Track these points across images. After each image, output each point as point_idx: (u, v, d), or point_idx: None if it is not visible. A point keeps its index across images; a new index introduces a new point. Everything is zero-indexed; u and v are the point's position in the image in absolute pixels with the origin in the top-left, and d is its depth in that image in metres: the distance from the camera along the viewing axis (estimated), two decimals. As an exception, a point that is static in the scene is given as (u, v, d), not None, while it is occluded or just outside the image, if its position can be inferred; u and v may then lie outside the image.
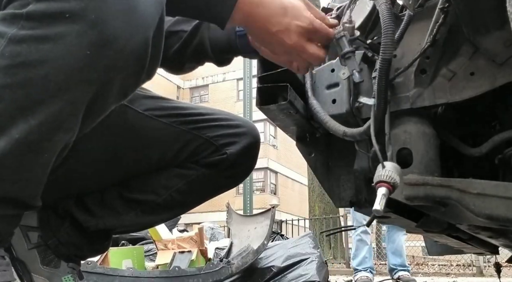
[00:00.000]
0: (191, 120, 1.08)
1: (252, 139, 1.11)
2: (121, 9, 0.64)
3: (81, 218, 1.03)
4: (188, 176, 1.07)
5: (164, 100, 1.11)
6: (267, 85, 0.95)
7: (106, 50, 0.64)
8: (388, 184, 0.74)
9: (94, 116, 0.72)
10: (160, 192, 1.07)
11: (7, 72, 0.63)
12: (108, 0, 0.63)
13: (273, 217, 2.34)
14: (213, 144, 1.07)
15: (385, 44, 0.79)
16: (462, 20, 0.79)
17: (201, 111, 1.11)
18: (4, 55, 0.62)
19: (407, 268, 4.08)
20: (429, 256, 8.26)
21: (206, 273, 1.96)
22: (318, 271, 2.15)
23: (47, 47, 0.62)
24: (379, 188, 0.74)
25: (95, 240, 1.07)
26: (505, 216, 0.74)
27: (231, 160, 1.07)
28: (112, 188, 1.06)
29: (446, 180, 0.80)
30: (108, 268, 1.90)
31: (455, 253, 1.62)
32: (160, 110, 1.06)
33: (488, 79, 0.80)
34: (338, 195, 1.10)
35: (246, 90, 8.99)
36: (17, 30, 0.62)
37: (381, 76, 0.81)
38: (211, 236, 3.51)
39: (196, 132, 1.07)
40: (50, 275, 0.95)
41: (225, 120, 1.11)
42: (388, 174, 0.74)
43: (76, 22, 0.62)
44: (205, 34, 1.02)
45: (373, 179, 0.95)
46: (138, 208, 1.07)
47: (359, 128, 0.89)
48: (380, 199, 0.72)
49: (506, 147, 0.86)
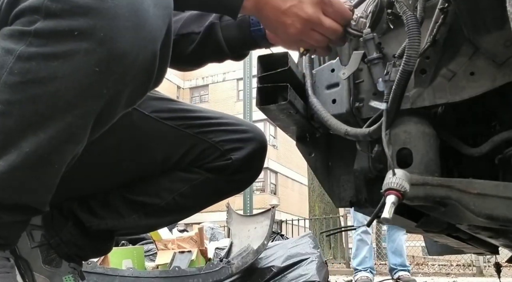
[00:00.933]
0: (197, 124, 1.07)
1: (258, 145, 1.10)
2: (130, 26, 0.64)
3: (84, 217, 1.03)
4: (192, 180, 1.07)
5: (172, 102, 1.10)
6: (267, 85, 0.95)
7: (115, 66, 0.64)
8: (398, 192, 0.73)
9: (102, 125, 0.73)
10: (164, 195, 1.06)
11: (17, 89, 0.63)
12: (117, 18, 0.63)
13: (273, 217, 2.34)
14: (218, 148, 1.06)
15: (409, 56, 0.77)
16: (462, 20, 0.79)
17: (208, 115, 1.11)
18: (13, 72, 0.63)
19: (407, 268, 4.08)
20: (429, 256, 8.26)
21: (206, 273, 1.96)
22: (318, 271, 2.15)
23: (56, 64, 0.62)
24: (388, 196, 0.73)
25: (98, 241, 1.06)
26: (505, 216, 0.74)
27: (236, 165, 1.06)
28: (116, 190, 1.06)
29: (446, 180, 0.80)
30: (108, 268, 1.90)
31: (455, 253, 1.62)
32: (167, 112, 1.06)
33: (488, 79, 0.80)
34: (338, 195, 1.10)
35: (246, 90, 8.98)
36: (25, 47, 0.62)
37: (398, 85, 0.79)
38: (211, 236, 3.51)
39: (202, 136, 1.06)
40: (51, 274, 0.95)
41: (232, 125, 1.10)
42: (398, 182, 0.74)
43: (85, 40, 0.62)
44: (219, 35, 1.02)
45: (372, 178, 0.95)
46: (141, 210, 1.06)
47: (363, 129, 0.88)
48: (389, 207, 0.72)
49: (506, 147, 0.86)
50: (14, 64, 0.62)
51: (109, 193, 1.06)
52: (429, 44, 0.84)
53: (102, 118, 0.70)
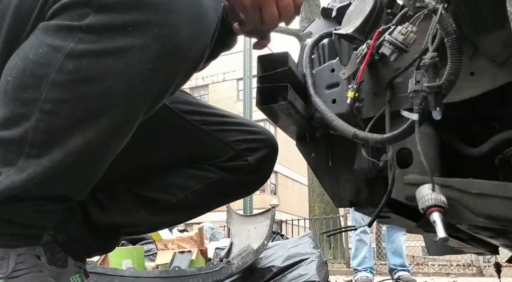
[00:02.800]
0: (214, 121, 1.05)
1: (272, 148, 1.09)
2: (185, 21, 0.61)
3: (92, 212, 1.01)
4: (207, 178, 1.05)
5: (186, 94, 1.08)
6: (267, 85, 0.95)
7: (168, 62, 0.62)
8: (440, 207, 0.73)
9: (147, 115, 0.71)
10: (176, 193, 1.04)
11: (67, 88, 0.61)
12: (172, 12, 0.60)
13: (273, 217, 2.34)
14: (233, 148, 1.05)
15: (450, 81, 0.74)
16: (462, 20, 0.79)
17: (224, 113, 1.09)
18: (63, 70, 0.60)
19: (407, 268, 4.08)
20: (429, 256, 8.26)
21: (206, 273, 1.96)
22: (318, 271, 2.15)
23: (108, 62, 0.60)
24: (433, 213, 0.72)
25: (104, 237, 1.04)
26: (505, 216, 0.74)
27: (251, 166, 1.05)
28: (125, 184, 1.04)
29: (446, 180, 0.80)
30: (108, 268, 1.90)
31: (455, 253, 1.62)
32: (186, 105, 1.03)
33: (488, 79, 0.80)
34: (338, 195, 1.10)
35: (246, 90, 8.99)
36: (75, 44, 0.60)
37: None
38: (211, 236, 3.51)
39: (218, 134, 1.05)
40: (57, 275, 0.91)
41: (245, 126, 1.09)
42: (437, 197, 0.73)
43: (139, 36, 0.59)
44: None
45: (372, 179, 0.94)
46: (150, 206, 1.04)
47: (374, 135, 0.84)
48: (441, 226, 0.71)
49: (506, 147, 0.86)
50: (64, 62, 0.60)
51: (118, 187, 1.04)
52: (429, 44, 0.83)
53: (148, 110, 0.68)
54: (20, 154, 0.65)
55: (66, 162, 0.64)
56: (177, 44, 0.61)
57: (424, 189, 0.75)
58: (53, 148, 0.63)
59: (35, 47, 0.62)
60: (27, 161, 0.65)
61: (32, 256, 0.73)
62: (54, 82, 0.61)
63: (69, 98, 0.61)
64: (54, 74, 0.61)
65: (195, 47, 0.63)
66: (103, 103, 0.63)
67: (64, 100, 0.62)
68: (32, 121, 0.63)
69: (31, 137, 0.64)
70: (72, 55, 0.60)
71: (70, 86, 0.61)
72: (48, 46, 0.61)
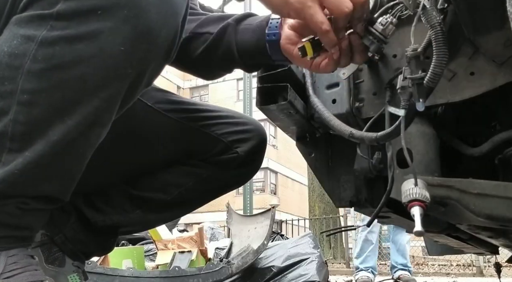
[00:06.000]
0: (199, 117, 1.06)
1: (261, 138, 1.10)
2: (155, 1, 0.62)
3: (89, 213, 1.02)
4: (199, 174, 1.06)
5: (171, 94, 1.09)
6: (267, 85, 0.95)
7: (139, 44, 0.62)
8: (422, 202, 0.72)
9: (124, 106, 0.71)
10: (170, 191, 1.05)
11: (42, 77, 0.61)
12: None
13: (273, 217, 2.34)
14: (222, 141, 1.05)
15: (435, 74, 0.73)
16: (462, 20, 0.79)
17: (208, 108, 1.10)
18: (37, 59, 0.61)
19: (408, 269, 4.09)
20: (429, 256, 8.25)
21: (206, 273, 1.96)
22: (318, 271, 2.15)
23: (80, 47, 0.60)
24: (413, 208, 0.72)
25: (102, 237, 1.05)
26: (505, 216, 0.74)
27: (242, 158, 1.06)
28: (119, 186, 1.05)
29: (446, 180, 0.80)
30: (108, 268, 1.89)
31: (455, 253, 1.62)
32: (169, 104, 1.04)
33: (488, 79, 0.80)
34: (338, 195, 1.10)
35: (246, 90, 8.99)
36: (47, 31, 0.60)
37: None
38: (211, 236, 3.51)
39: (205, 129, 1.05)
40: (56, 274, 0.92)
41: (231, 118, 1.09)
42: (420, 192, 0.73)
43: (109, 19, 0.60)
44: (232, 37, 0.94)
45: (372, 179, 0.94)
46: (146, 206, 1.05)
47: (369, 133, 0.84)
48: (419, 220, 0.71)
49: (506, 147, 0.86)
50: (37, 51, 0.60)
51: (112, 190, 1.04)
52: (429, 44, 0.83)
53: (125, 98, 0.68)
54: (2, 149, 0.64)
55: (48, 154, 0.64)
56: (147, 25, 0.62)
57: (408, 184, 0.75)
58: (35, 139, 0.63)
59: (9, 40, 0.62)
60: (10, 155, 0.64)
61: (25, 256, 0.73)
62: (29, 72, 0.61)
63: (45, 87, 0.62)
64: (29, 64, 0.61)
65: (165, 29, 0.64)
66: (79, 90, 0.63)
67: (40, 89, 0.62)
68: (11, 114, 0.62)
69: (11, 131, 0.63)
70: (45, 43, 0.60)
71: (45, 74, 0.61)
72: (22, 37, 0.61)
